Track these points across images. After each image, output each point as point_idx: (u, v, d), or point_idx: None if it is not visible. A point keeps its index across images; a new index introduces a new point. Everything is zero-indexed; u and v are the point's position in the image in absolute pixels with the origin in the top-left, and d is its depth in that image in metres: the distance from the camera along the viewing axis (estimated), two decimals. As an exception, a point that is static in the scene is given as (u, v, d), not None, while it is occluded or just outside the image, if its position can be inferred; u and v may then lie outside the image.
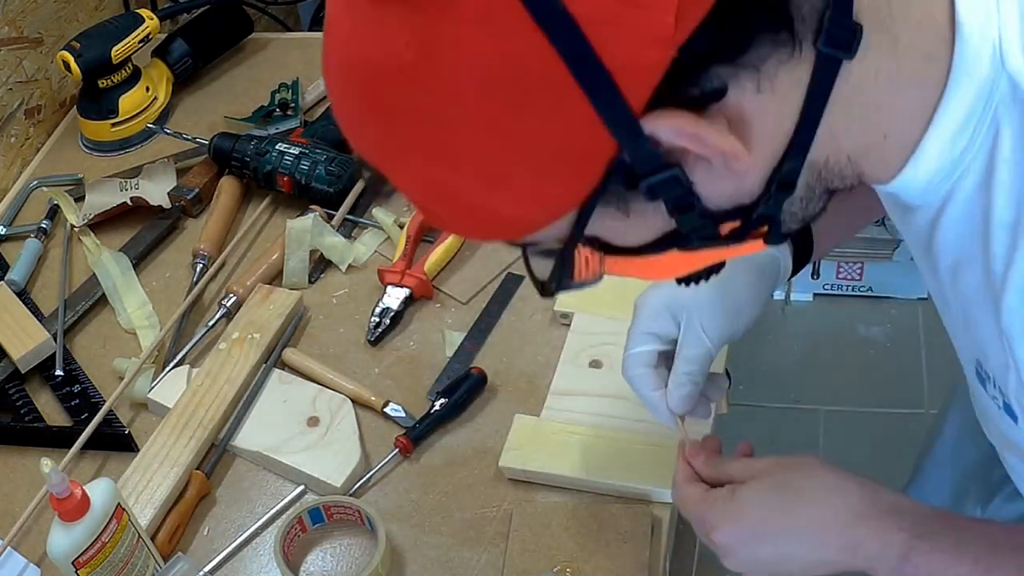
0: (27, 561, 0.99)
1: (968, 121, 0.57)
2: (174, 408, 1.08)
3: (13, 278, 1.25)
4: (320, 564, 0.98)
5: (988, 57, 0.56)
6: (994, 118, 0.57)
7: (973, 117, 0.57)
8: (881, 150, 0.60)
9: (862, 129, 0.58)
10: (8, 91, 1.42)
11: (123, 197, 1.32)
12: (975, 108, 0.57)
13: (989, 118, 0.57)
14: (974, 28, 0.56)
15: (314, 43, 1.59)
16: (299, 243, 1.22)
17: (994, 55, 0.56)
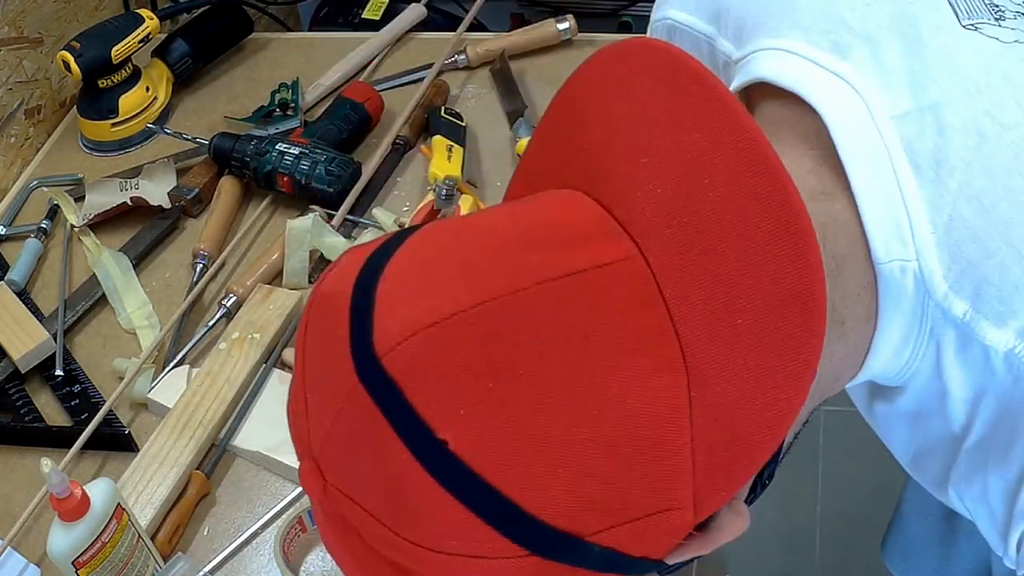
0: (27, 561, 0.99)
1: (905, 343, 0.60)
2: (174, 408, 1.08)
3: (13, 278, 1.25)
4: (320, 564, 0.98)
5: (912, 285, 0.57)
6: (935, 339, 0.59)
7: (910, 339, 0.60)
8: (834, 388, 0.63)
9: (817, 395, 0.60)
10: (8, 91, 1.42)
11: (123, 197, 1.32)
12: (909, 335, 0.59)
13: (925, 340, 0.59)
14: (892, 255, 0.57)
15: (314, 43, 1.59)
16: (299, 243, 1.22)
17: (917, 283, 0.57)
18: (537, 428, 0.49)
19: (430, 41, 1.55)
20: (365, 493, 0.53)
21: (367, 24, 1.71)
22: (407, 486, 0.50)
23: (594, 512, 0.51)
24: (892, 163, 0.58)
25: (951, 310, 0.57)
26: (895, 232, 0.57)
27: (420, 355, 0.50)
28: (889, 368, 0.62)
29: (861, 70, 0.61)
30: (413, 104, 1.39)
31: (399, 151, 1.36)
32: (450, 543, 0.51)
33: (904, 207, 0.57)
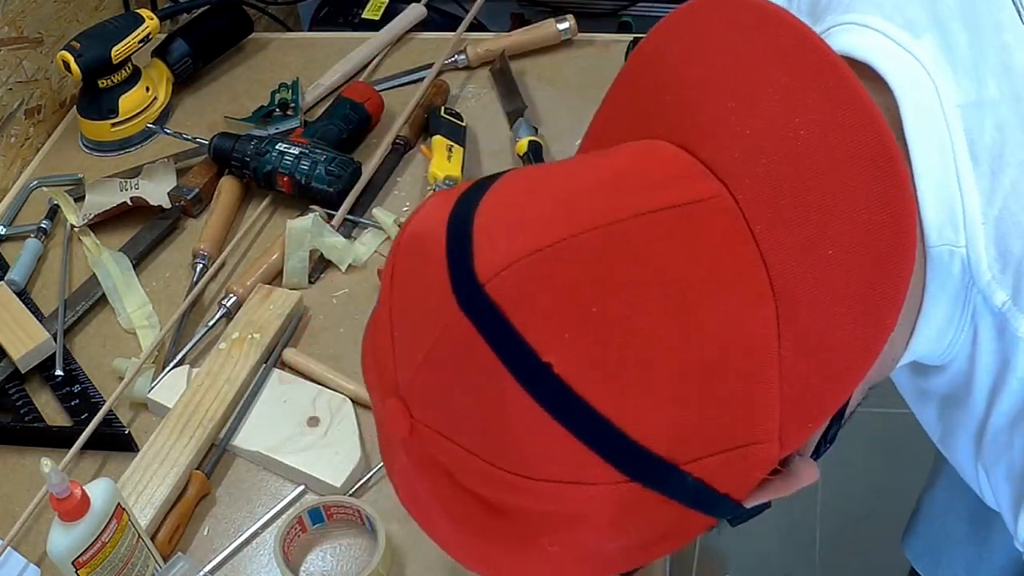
0: (27, 561, 0.99)
1: (948, 325, 0.63)
2: (174, 408, 1.08)
3: (13, 278, 1.25)
4: (320, 564, 0.98)
5: (959, 271, 0.60)
6: (974, 325, 0.62)
7: (953, 320, 0.62)
8: (890, 365, 0.66)
9: (880, 366, 0.62)
10: (8, 91, 1.42)
11: (123, 197, 1.32)
12: (952, 318, 0.62)
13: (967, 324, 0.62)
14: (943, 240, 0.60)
15: (314, 43, 1.59)
16: (299, 243, 1.22)
17: (963, 269, 0.60)
18: (639, 352, 0.51)
19: (430, 41, 1.55)
20: (459, 426, 0.53)
21: (367, 24, 1.71)
22: (508, 412, 0.51)
23: (690, 440, 0.52)
24: (954, 152, 0.60)
25: (992, 298, 0.60)
26: (949, 218, 0.60)
27: (523, 281, 0.51)
28: (931, 350, 0.64)
29: (932, 53, 0.63)
30: (413, 104, 1.39)
31: (399, 151, 1.36)
32: (549, 469, 0.52)
33: (960, 196, 0.59)
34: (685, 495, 0.53)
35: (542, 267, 0.51)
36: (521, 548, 0.56)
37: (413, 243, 0.56)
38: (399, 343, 0.55)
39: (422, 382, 0.54)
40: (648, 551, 0.57)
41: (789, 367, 0.52)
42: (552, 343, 0.50)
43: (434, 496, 0.57)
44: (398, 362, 0.55)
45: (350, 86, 1.43)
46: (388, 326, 0.56)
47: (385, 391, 0.56)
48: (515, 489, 0.53)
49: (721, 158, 0.54)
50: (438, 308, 0.53)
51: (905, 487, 1.26)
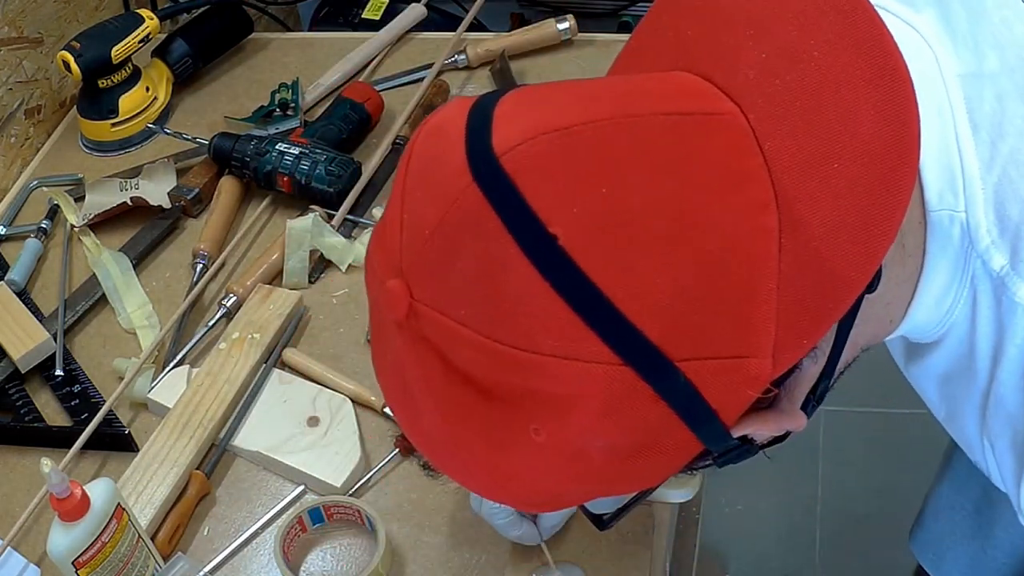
0: (27, 561, 0.99)
1: (946, 293, 0.64)
2: (174, 408, 1.08)
3: (13, 278, 1.25)
4: (320, 564, 0.98)
5: (958, 235, 0.62)
6: (973, 288, 0.64)
7: (951, 288, 0.64)
8: (888, 329, 0.67)
9: (875, 325, 0.66)
10: (8, 91, 1.42)
11: (123, 197, 1.32)
12: (952, 281, 0.64)
13: (967, 288, 0.64)
14: (943, 205, 0.62)
15: (314, 43, 1.59)
16: (299, 243, 1.22)
17: (963, 233, 0.62)
18: (644, 236, 0.52)
19: (430, 41, 1.55)
20: (458, 299, 0.54)
21: (367, 24, 1.71)
22: (509, 281, 0.52)
23: (684, 334, 0.53)
24: (954, 119, 0.62)
25: (990, 262, 0.62)
26: (949, 183, 0.62)
27: (538, 155, 0.53)
28: (930, 316, 0.66)
29: (932, 25, 0.65)
30: (413, 104, 1.39)
31: (399, 151, 1.36)
32: (545, 342, 0.52)
33: (960, 162, 0.62)
34: (675, 396, 0.54)
35: (557, 145, 0.53)
36: (507, 438, 0.56)
37: (432, 131, 0.58)
38: (407, 223, 0.56)
39: (426, 257, 0.55)
40: (629, 467, 0.57)
41: (787, 280, 0.54)
42: (560, 215, 0.52)
43: (423, 382, 0.57)
44: (404, 242, 0.56)
45: (350, 86, 1.43)
46: (399, 210, 0.57)
47: (387, 270, 0.57)
48: (507, 364, 0.53)
49: (736, 81, 0.56)
50: (451, 181, 0.54)
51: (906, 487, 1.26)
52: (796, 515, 1.96)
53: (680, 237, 0.52)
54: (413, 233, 0.56)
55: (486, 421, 0.56)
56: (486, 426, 0.57)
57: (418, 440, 0.63)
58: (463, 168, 0.54)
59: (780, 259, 0.54)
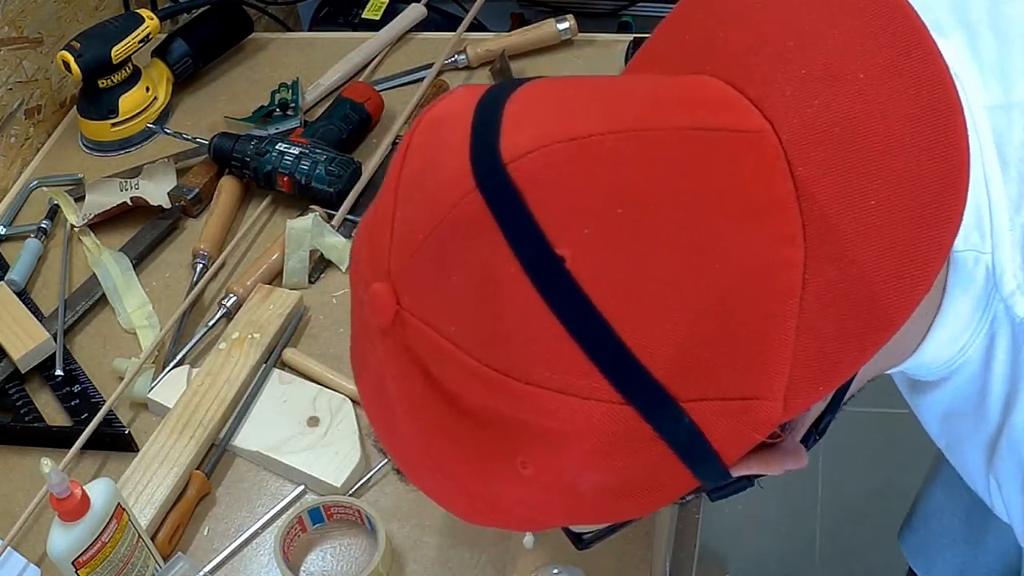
0: (27, 561, 0.98)
1: (966, 328, 0.61)
2: (174, 408, 1.08)
3: (13, 278, 1.25)
4: (320, 564, 0.98)
5: (983, 277, 0.59)
6: (992, 332, 0.60)
7: (971, 324, 0.61)
8: (897, 360, 0.64)
9: (886, 359, 0.62)
10: (8, 91, 1.42)
11: (123, 197, 1.32)
12: (971, 321, 0.60)
13: (985, 330, 0.61)
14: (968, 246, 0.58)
15: (314, 43, 1.59)
16: (299, 243, 1.22)
17: (988, 276, 0.59)
18: (657, 266, 0.48)
19: (430, 41, 1.55)
20: (449, 314, 0.50)
21: (367, 24, 1.70)
22: (506, 304, 0.48)
23: (693, 374, 0.49)
24: (982, 154, 0.58)
25: (1014, 308, 0.58)
26: (975, 222, 0.58)
27: (549, 167, 0.48)
28: (941, 354, 0.62)
29: (959, 54, 0.61)
30: (413, 104, 1.39)
31: (399, 151, 1.36)
32: (540, 372, 0.48)
33: (988, 200, 0.58)
34: (676, 437, 0.50)
35: (571, 157, 0.48)
36: (491, 465, 0.53)
37: (434, 122, 0.54)
38: (400, 223, 0.52)
39: (417, 264, 0.51)
40: (620, 503, 0.54)
41: (809, 321, 0.49)
42: (569, 236, 0.47)
43: (403, 394, 0.53)
44: (395, 244, 0.52)
45: (350, 86, 1.43)
46: (391, 207, 0.53)
47: (374, 271, 0.53)
48: (499, 391, 0.49)
49: (771, 96, 0.51)
50: (451, 185, 0.49)
51: (905, 487, 1.26)
52: (796, 515, 1.96)
53: (697, 268, 0.48)
54: (405, 236, 0.51)
55: (468, 445, 0.53)
56: (467, 451, 0.53)
57: (393, 451, 0.59)
58: (466, 171, 0.49)
59: (803, 297, 0.49)
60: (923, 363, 0.64)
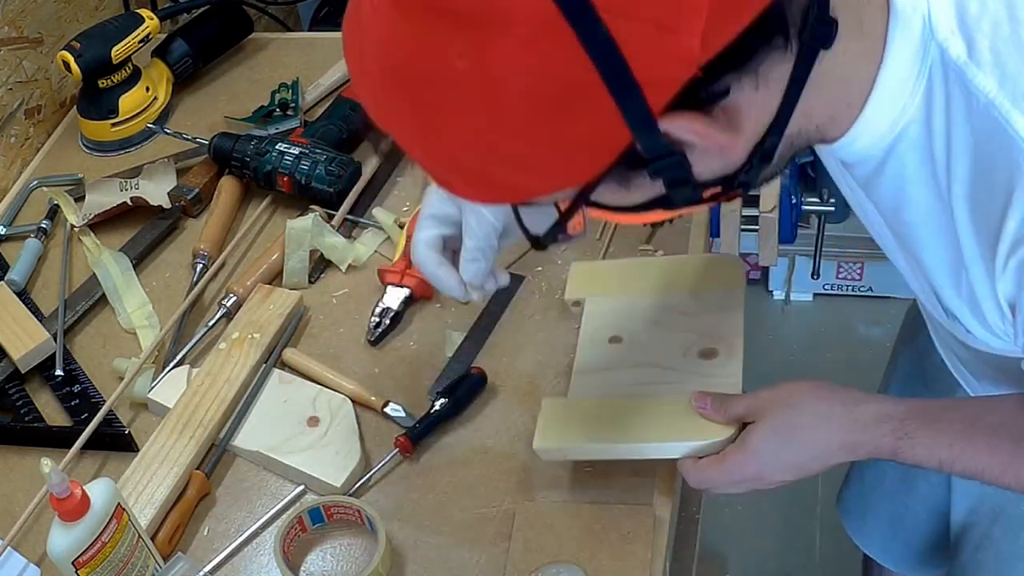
0: (27, 561, 0.98)
1: (905, 81, 0.67)
2: (174, 408, 1.08)
3: (13, 278, 1.25)
4: (320, 564, 0.98)
5: (919, 26, 0.66)
6: (928, 82, 0.67)
7: (909, 80, 0.67)
8: (844, 115, 0.70)
9: (831, 102, 0.68)
10: (8, 91, 1.42)
11: (123, 197, 1.32)
12: (911, 70, 0.67)
13: (924, 82, 0.67)
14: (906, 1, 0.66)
15: (314, 43, 1.59)
16: (299, 243, 1.22)
17: (924, 24, 0.66)
18: None
19: (430, 41, 1.54)
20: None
21: (367, 24, 1.70)
22: None
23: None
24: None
25: (949, 50, 0.66)
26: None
27: None
28: (885, 115, 0.69)
29: None
30: (413, 104, 1.39)
31: (399, 152, 1.36)
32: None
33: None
34: (596, 48, 0.55)
35: None
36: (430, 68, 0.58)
37: None
38: None
39: None
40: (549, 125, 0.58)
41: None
42: None
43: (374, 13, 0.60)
44: None
45: (350, 86, 1.43)
46: None
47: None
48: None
49: None
50: None
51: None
52: (796, 515, 1.96)
53: None
54: None
55: (415, 47, 0.59)
56: (414, 54, 0.59)
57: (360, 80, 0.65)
58: None
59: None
60: (868, 131, 0.70)
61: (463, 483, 1.02)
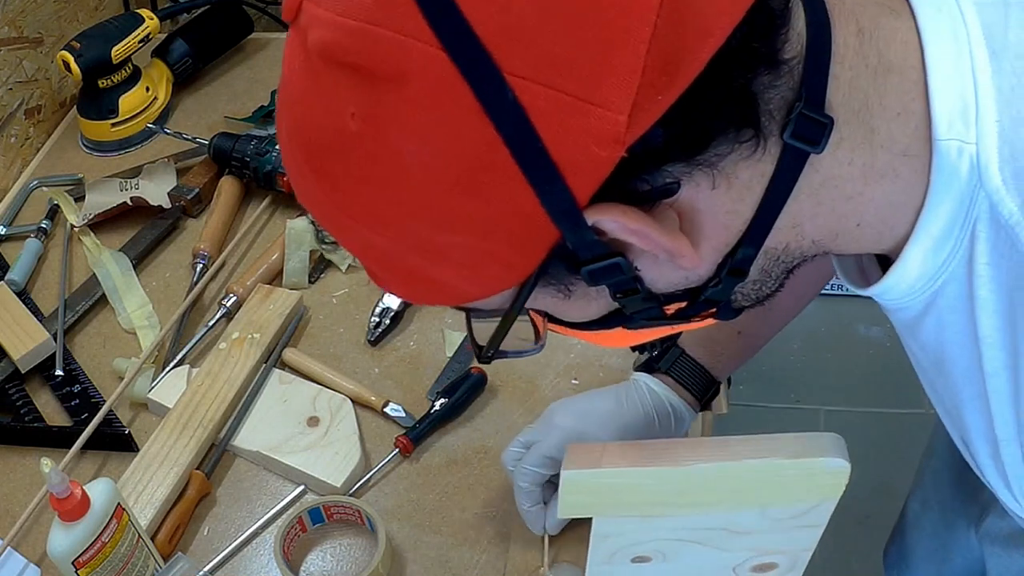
0: (27, 561, 0.98)
1: (949, 232, 0.57)
2: (174, 408, 1.08)
3: (13, 278, 1.25)
4: (320, 564, 0.98)
5: (967, 170, 0.55)
6: (973, 232, 0.56)
7: (954, 228, 0.57)
8: (853, 234, 0.59)
9: (831, 218, 0.57)
10: (8, 91, 1.42)
11: (123, 197, 1.32)
12: (955, 220, 0.56)
13: (969, 231, 0.57)
14: (952, 134, 0.55)
15: (314, 43, 1.59)
16: (299, 243, 1.22)
17: (972, 168, 0.55)
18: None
19: (430, 41, 1.54)
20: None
21: (367, 24, 1.70)
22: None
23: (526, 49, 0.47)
24: (969, 40, 0.56)
25: (999, 206, 0.55)
26: (960, 110, 0.55)
27: None
28: (926, 265, 0.59)
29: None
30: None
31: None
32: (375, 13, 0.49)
33: (974, 89, 0.55)
34: (498, 111, 0.47)
35: None
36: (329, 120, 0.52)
37: None
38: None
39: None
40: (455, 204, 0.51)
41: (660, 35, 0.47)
42: None
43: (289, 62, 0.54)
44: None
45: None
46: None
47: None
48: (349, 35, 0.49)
49: None
50: None
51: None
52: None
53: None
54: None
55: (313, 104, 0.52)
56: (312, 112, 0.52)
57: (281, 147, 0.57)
58: None
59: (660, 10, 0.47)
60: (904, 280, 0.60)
61: (463, 483, 1.02)
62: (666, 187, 0.51)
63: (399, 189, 0.51)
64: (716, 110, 0.50)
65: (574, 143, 0.48)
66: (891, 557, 1.29)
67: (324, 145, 0.52)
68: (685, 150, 0.51)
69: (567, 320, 0.61)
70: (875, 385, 2.17)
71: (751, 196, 0.54)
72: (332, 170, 0.53)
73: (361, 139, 0.50)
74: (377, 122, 0.50)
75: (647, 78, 0.47)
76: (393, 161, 0.50)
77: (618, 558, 0.76)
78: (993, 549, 1.00)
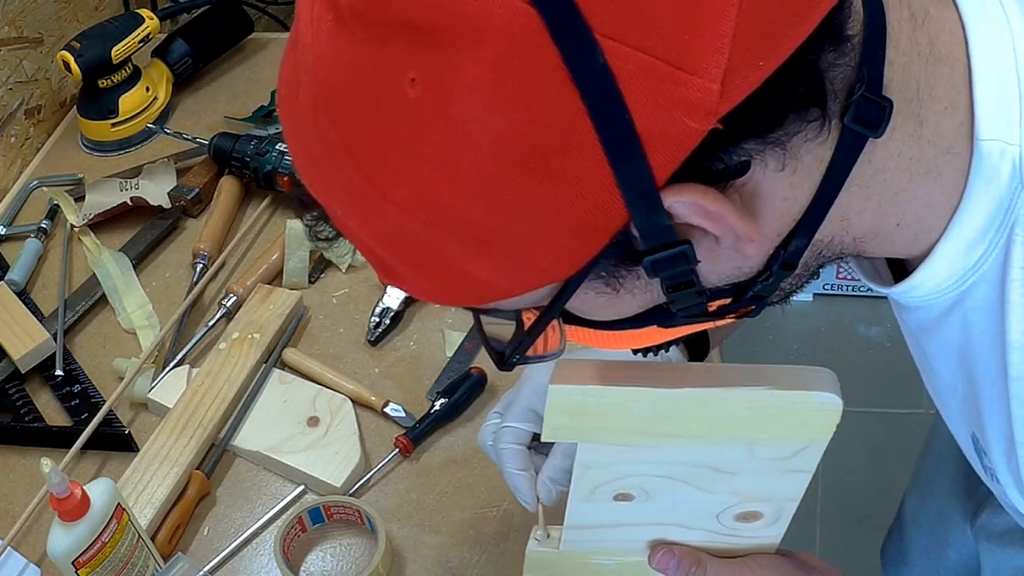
0: (27, 561, 0.99)
1: (984, 234, 0.55)
2: (174, 408, 1.08)
3: (13, 278, 1.25)
4: (320, 564, 0.98)
5: (1008, 172, 0.54)
6: (1009, 235, 0.55)
7: (989, 230, 0.55)
8: (890, 236, 0.57)
9: (876, 213, 0.55)
10: (8, 91, 1.42)
11: (123, 197, 1.32)
12: (992, 222, 0.55)
13: (1005, 235, 0.55)
14: (995, 134, 0.53)
15: (314, 43, 1.59)
16: (299, 243, 1.22)
17: (1014, 171, 0.53)
18: None
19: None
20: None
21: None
22: None
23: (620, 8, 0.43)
24: (1013, 38, 0.54)
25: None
26: (1004, 112, 0.53)
27: None
28: (956, 265, 0.57)
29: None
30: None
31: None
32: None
33: (1019, 88, 0.53)
34: (585, 75, 0.43)
35: None
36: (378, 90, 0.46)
37: None
38: None
39: None
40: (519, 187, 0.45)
41: None
42: None
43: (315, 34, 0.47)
44: None
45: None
46: None
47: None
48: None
49: None
50: None
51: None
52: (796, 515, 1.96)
53: None
54: None
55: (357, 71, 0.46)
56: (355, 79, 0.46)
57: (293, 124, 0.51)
58: None
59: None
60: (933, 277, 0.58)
61: (463, 483, 1.02)
62: (739, 166, 0.48)
63: (458, 165, 0.45)
64: (792, 85, 0.47)
65: (663, 113, 0.44)
66: (889, 554, 1.30)
67: (368, 113, 0.46)
68: (762, 126, 0.47)
69: (597, 319, 0.56)
70: (875, 385, 2.17)
71: (809, 182, 0.51)
72: (374, 144, 0.46)
73: (421, 108, 0.45)
74: (442, 88, 0.44)
75: (741, 43, 0.44)
76: (456, 132, 0.45)
77: (600, 494, 0.73)
78: (988, 545, 1.00)
